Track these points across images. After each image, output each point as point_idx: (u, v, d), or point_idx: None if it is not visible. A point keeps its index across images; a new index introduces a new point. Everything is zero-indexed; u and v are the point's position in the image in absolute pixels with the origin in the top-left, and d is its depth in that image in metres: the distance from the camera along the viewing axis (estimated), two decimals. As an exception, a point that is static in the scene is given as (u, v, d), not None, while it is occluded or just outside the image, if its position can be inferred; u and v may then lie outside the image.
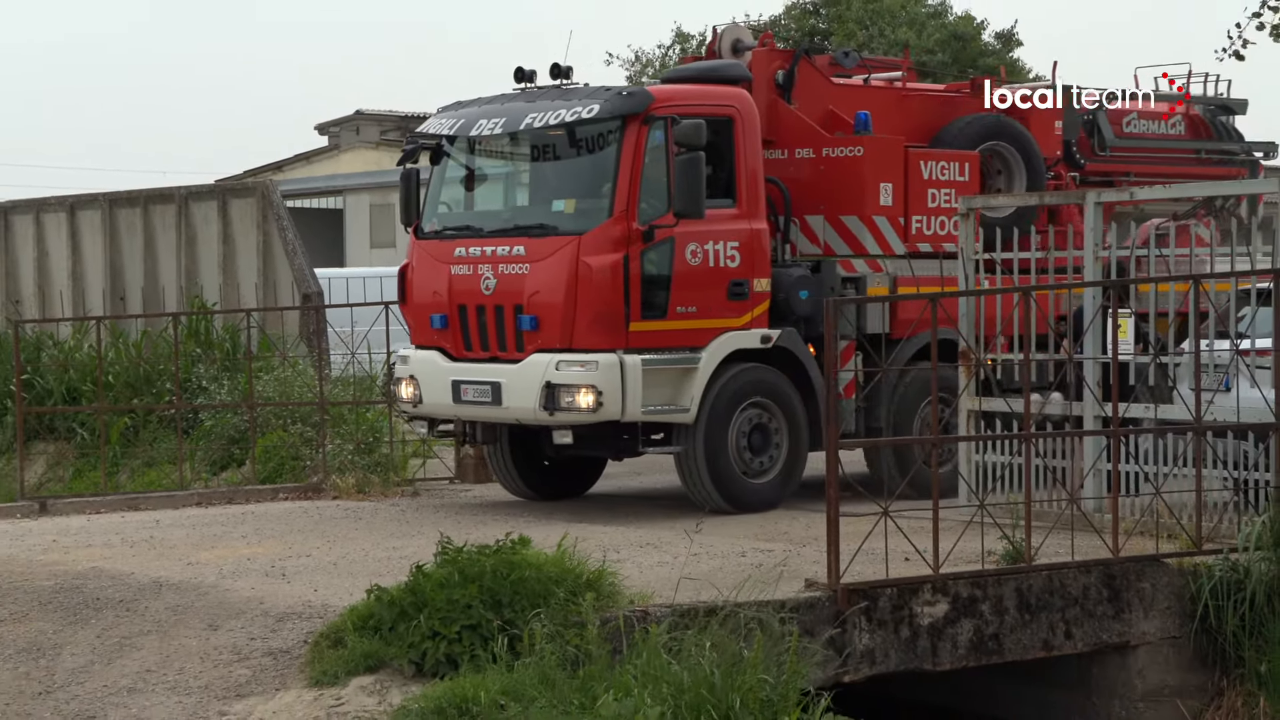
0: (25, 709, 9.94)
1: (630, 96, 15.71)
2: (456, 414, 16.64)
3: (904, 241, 17.44)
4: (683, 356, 15.64)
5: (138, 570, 13.20)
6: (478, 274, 15.99)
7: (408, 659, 10.31)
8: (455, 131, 16.61)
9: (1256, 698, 12.63)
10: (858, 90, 18.34)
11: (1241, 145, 20.93)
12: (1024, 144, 18.47)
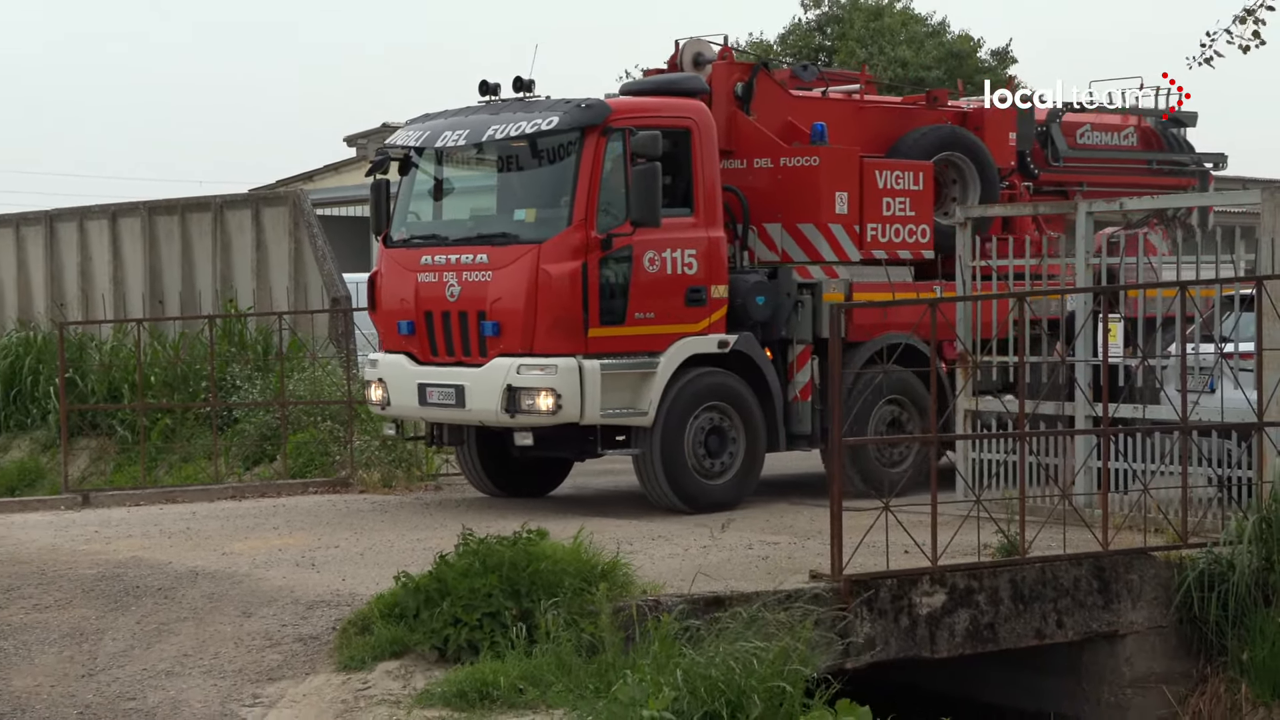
0: (69, 690, 9.96)
1: (588, 109, 15.37)
2: (423, 416, 16.56)
3: (859, 249, 17.19)
4: (641, 361, 15.41)
5: (175, 560, 13.23)
6: (443, 281, 15.78)
7: (431, 645, 10.32)
8: (421, 143, 16.44)
9: (1239, 684, 12.62)
10: (815, 102, 18.06)
11: (1192, 156, 20.75)
12: (978, 154, 18.24)
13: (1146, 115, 20.58)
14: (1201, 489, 14.42)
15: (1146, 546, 13.32)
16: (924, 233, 17.61)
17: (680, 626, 10.08)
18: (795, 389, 16.51)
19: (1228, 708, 12.67)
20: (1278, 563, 12.71)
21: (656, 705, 8.89)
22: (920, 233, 17.58)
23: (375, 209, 16.93)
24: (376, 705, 9.58)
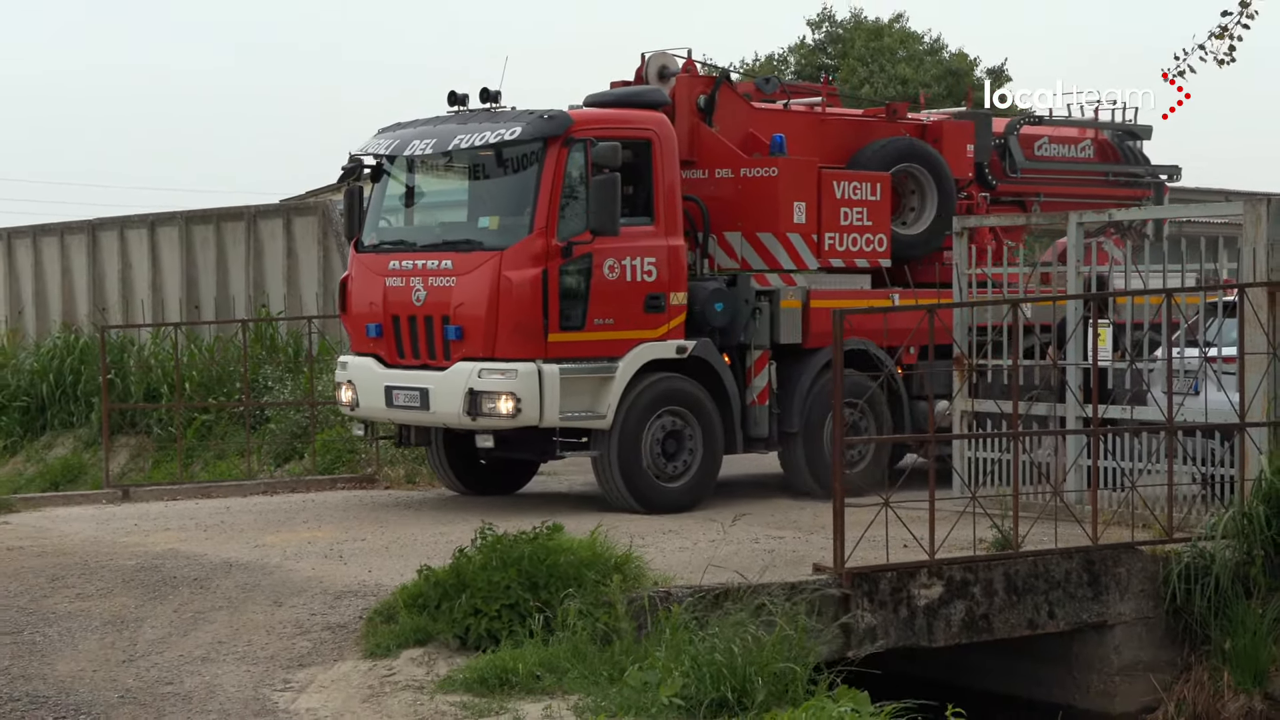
0: (111, 675, 9.97)
1: (550, 120, 15.08)
2: (390, 418, 16.20)
3: (817, 257, 16.77)
4: (600, 366, 15.07)
5: (210, 552, 13.25)
6: (409, 286, 15.46)
7: (453, 634, 10.31)
8: (391, 151, 16.21)
9: (1221, 672, 12.62)
10: (777, 114, 17.72)
11: (1147, 168, 20.52)
12: (935, 165, 17.84)
13: (1104, 129, 20.39)
14: (1186, 486, 14.41)
15: (1134, 541, 13.32)
16: (881, 241, 17.26)
17: (690, 616, 10.09)
18: (753, 393, 16.15)
19: (1211, 695, 12.66)
20: (1258, 557, 12.74)
21: (667, 691, 8.91)
22: (877, 241, 17.23)
23: (348, 215, 16.63)
24: (401, 690, 9.58)
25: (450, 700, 9.31)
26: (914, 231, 17.69)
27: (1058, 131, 20.03)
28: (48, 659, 10.34)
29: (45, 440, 22.89)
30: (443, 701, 9.30)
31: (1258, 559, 12.73)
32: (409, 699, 9.40)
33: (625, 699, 8.99)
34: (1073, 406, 15.39)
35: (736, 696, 9.03)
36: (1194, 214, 17.42)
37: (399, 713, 9.18)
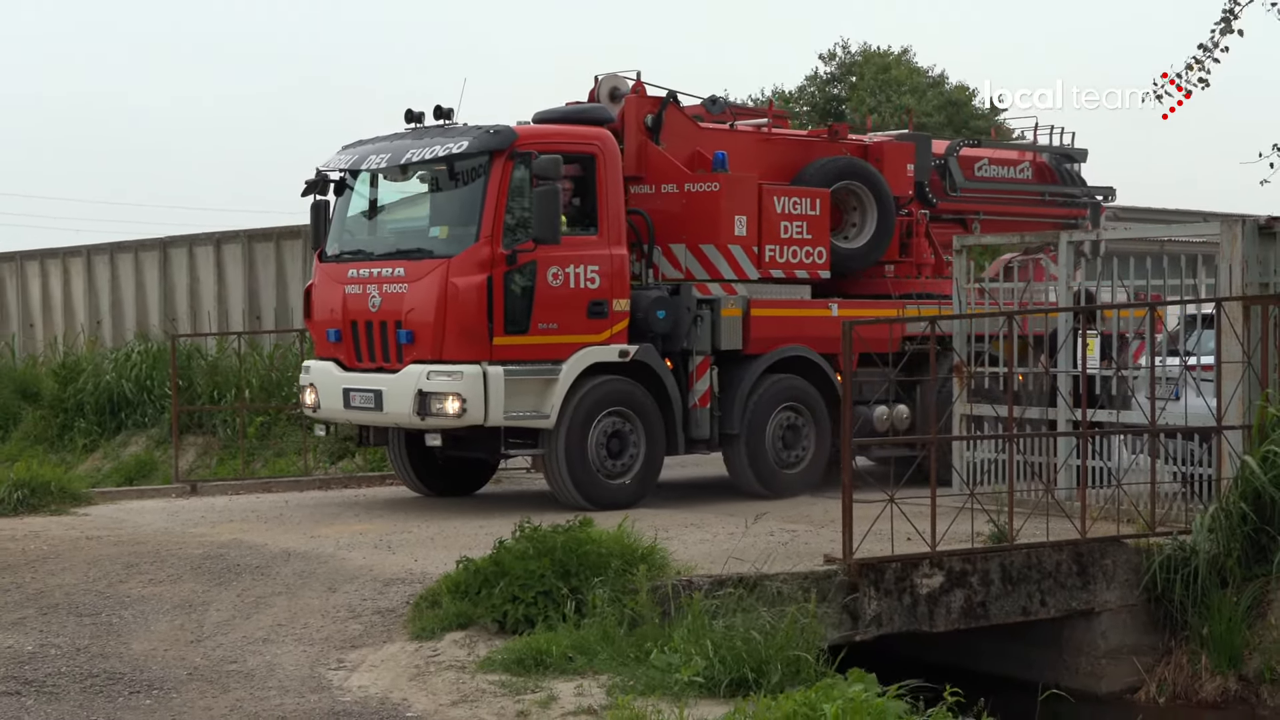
0: (180, 654, 10.01)
1: (496, 134, 14.75)
2: (348, 419, 15.90)
3: (758, 268, 16.37)
4: (544, 368, 14.72)
5: (270, 542, 13.27)
6: (366, 293, 15.11)
7: (492, 618, 10.33)
8: (349, 166, 15.87)
9: (1199, 655, 12.60)
10: (723, 133, 17.22)
11: (1083, 189, 20.21)
12: (875, 183, 17.46)
13: (1042, 151, 20.17)
14: (1168, 484, 14.38)
15: (1120, 535, 13.29)
16: (820, 254, 16.85)
17: (710, 603, 10.09)
18: (695, 396, 15.77)
19: (1189, 676, 12.64)
20: (1234, 550, 12.69)
21: (689, 672, 8.90)
22: (817, 254, 16.82)
23: (314, 227, 16.28)
24: (445, 670, 9.59)
25: (490, 679, 9.32)
26: (855, 245, 17.38)
27: (997, 153, 19.83)
28: (123, 639, 10.39)
29: (121, 439, 22.91)
30: (483, 680, 9.31)
31: (1233, 552, 12.68)
32: (452, 678, 9.42)
33: (650, 679, 8.99)
34: (1063, 410, 15.38)
35: (753, 677, 9.02)
36: (1175, 234, 17.31)
37: (443, 690, 9.19)
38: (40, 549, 13.36)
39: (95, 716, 8.57)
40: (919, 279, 18.03)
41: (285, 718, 8.56)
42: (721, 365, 15.91)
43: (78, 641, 10.31)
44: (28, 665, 9.70)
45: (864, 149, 17.99)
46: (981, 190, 19.24)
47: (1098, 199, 20.38)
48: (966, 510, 12.74)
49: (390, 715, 8.67)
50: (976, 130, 41.97)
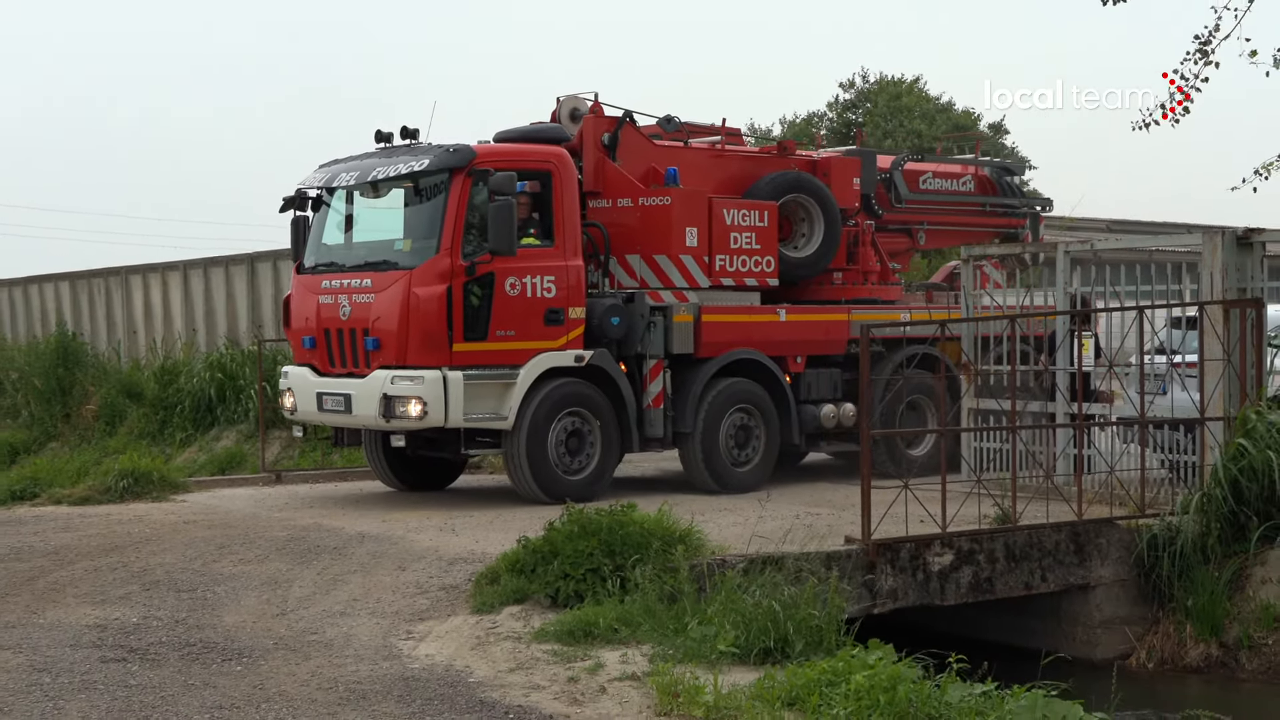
0: (267, 626, 10.07)
1: (455, 153, 14.22)
2: (321, 421, 15.46)
3: (708, 276, 15.73)
4: (502, 373, 14.18)
5: (347, 526, 13.34)
6: (337, 303, 14.60)
7: (545, 593, 10.35)
8: (322, 184, 15.35)
9: (1185, 625, 12.57)
10: (677, 150, 16.51)
11: (1022, 200, 19.85)
12: (821, 196, 16.81)
13: (984, 166, 19.72)
14: (1156, 471, 14.35)
15: (1113, 516, 13.27)
16: (769, 263, 16.21)
17: (741, 580, 10.10)
18: (649, 398, 15.21)
19: (1176, 643, 12.61)
20: (1215, 529, 12.66)
21: (722, 642, 8.92)
22: (765, 263, 16.18)
23: (294, 241, 15.74)
24: (503, 640, 9.62)
25: (544, 648, 9.34)
26: (804, 254, 16.78)
27: (940, 167, 19.28)
28: (217, 612, 10.46)
29: (213, 434, 23.05)
30: (537, 649, 9.34)
31: (1214, 531, 12.65)
32: (509, 647, 9.45)
33: (688, 648, 9.00)
34: (1061, 404, 15.36)
35: (781, 646, 9.03)
36: (1162, 244, 17.21)
37: (501, 659, 9.22)
38: (143, 532, 13.48)
39: (192, 681, 8.63)
40: (866, 285, 17.52)
41: (360, 683, 8.60)
42: (675, 368, 15.44)
43: (176, 614, 10.38)
44: (132, 635, 9.78)
45: (812, 164, 17.48)
46: (926, 202, 18.75)
47: (1036, 209, 20.02)
48: (974, 495, 12.75)
49: (454, 681, 8.70)
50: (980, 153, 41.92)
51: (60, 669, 8.88)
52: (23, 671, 8.83)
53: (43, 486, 17.87)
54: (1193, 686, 12.13)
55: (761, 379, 15.84)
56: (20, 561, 12.36)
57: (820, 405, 16.20)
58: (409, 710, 8.02)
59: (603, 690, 8.41)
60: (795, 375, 16.16)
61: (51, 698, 8.26)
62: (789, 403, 15.93)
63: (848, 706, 7.52)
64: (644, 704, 8.07)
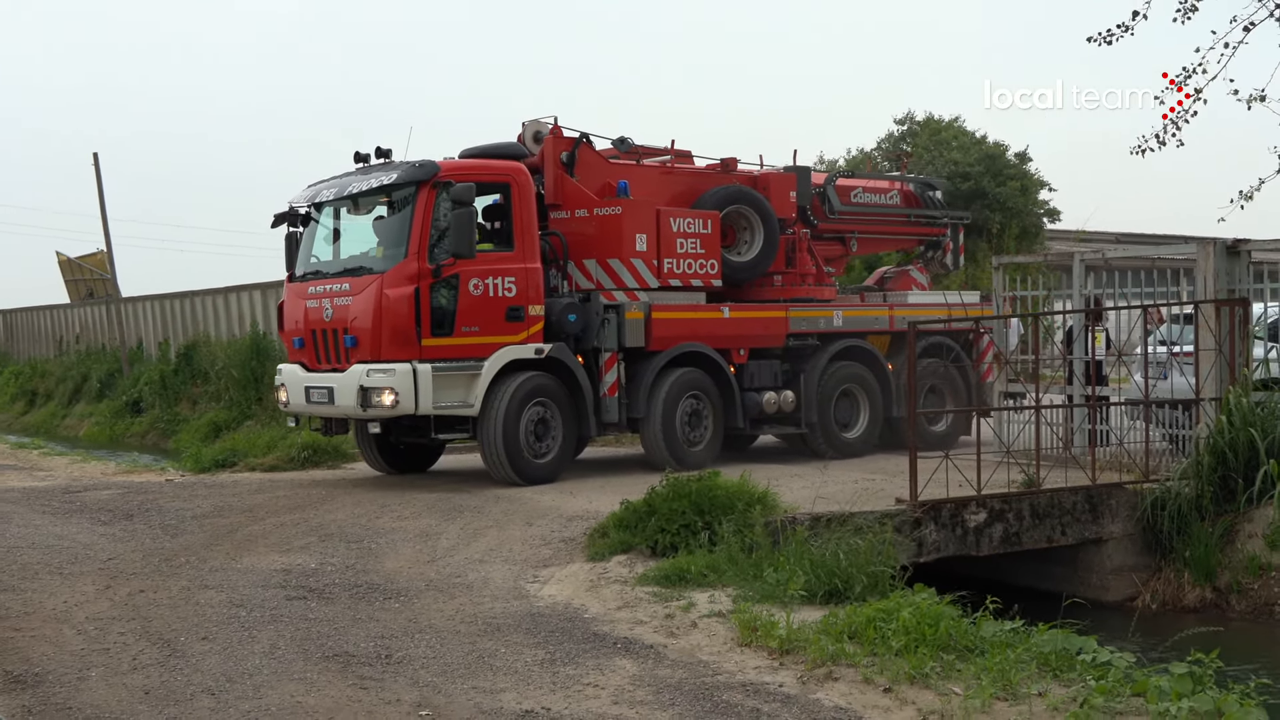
0: (420, 571, 10.15)
1: (421, 168, 13.43)
2: (310, 412, 14.38)
3: (657, 278, 14.81)
4: (468, 365, 13.32)
5: (484, 489, 13.42)
6: (321, 306, 13.81)
7: (646, 545, 10.35)
8: (307, 200, 14.54)
9: (1183, 573, 12.38)
10: (630, 168, 15.59)
11: (943, 213, 18.61)
12: (760, 207, 15.92)
13: (909, 182, 18.64)
14: (1158, 443, 14.14)
15: (1121, 481, 13.07)
16: (713, 266, 15.27)
17: (809, 534, 10.05)
18: (604, 387, 14.29)
19: (1175, 588, 12.43)
20: (1208, 492, 12.47)
21: (793, 586, 8.87)
22: (710, 266, 15.24)
23: (287, 253, 14.81)
24: (612, 584, 9.64)
25: (645, 590, 9.35)
26: (745, 259, 15.88)
27: (869, 183, 18.29)
28: (379, 559, 10.57)
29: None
30: (640, 591, 9.34)
31: (1207, 493, 12.45)
32: (617, 589, 9.46)
33: (765, 591, 8.97)
34: (1078, 387, 15.21)
35: (842, 589, 8.98)
36: (1162, 253, 16.93)
37: (610, 599, 9.23)
38: (320, 494, 13.66)
39: (359, 615, 8.72)
40: (804, 286, 16.61)
41: (496, 618, 8.65)
42: (628, 360, 14.55)
43: (346, 561, 10.49)
44: (311, 578, 9.90)
45: (753, 179, 16.51)
46: (856, 213, 17.73)
47: (955, 221, 19.03)
48: (1004, 464, 12.67)
49: (572, 617, 8.73)
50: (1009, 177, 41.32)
51: (253, 604, 9.01)
52: (224, 606, 8.97)
53: (240, 456, 18.22)
54: (1189, 624, 11.89)
55: (709, 369, 15.02)
56: (221, 518, 12.58)
57: (762, 393, 15.39)
58: (536, 640, 8.05)
59: (694, 625, 8.40)
60: (739, 366, 15.36)
61: (247, 628, 8.38)
62: (734, 390, 15.13)
63: (899, 639, 7.46)
64: (728, 637, 8.05)
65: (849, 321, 16.23)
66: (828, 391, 15.86)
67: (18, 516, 12.96)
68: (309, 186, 14.84)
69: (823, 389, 15.79)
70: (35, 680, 7.21)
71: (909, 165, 18.45)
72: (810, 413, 15.70)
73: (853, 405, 16.28)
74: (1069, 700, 6.48)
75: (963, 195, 40.25)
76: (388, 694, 6.87)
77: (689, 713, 6.53)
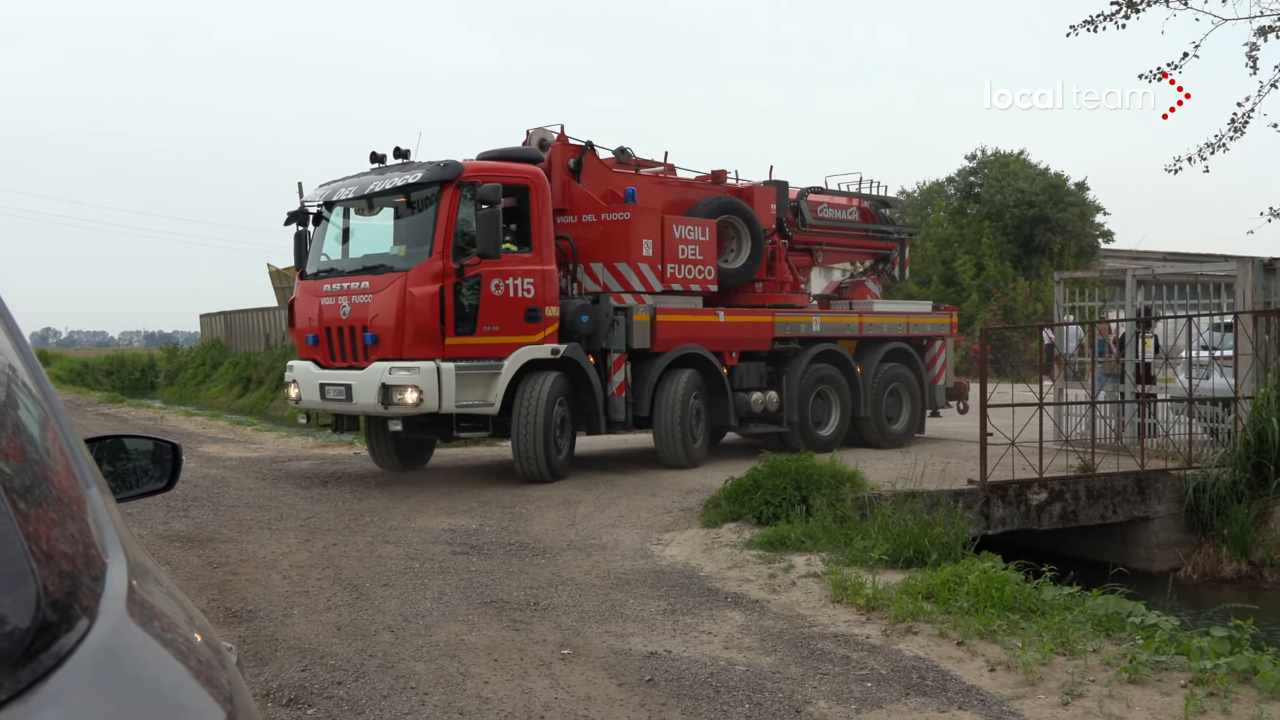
0: (561, 533, 10.21)
1: (445, 167, 11.97)
2: (324, 408, 12.79)
3: (661, 282, 13.49)
4: (489, 364, 11.93)
5: (618, 466, 13.45)
6: (338, 304, 12.29)
7: (752, 514, 10.31)
8: (324, 199, 13.02)
9: (1221, 548, 12.04)
10: (630, 176, 14.17)
11: (895, 227, 17.40)
12: (748, 217, 14.66)
13: (865, 199, 17.21)
14: (1200, 435, 13.75)
15: (1167, 468, 12.76)
16: (709, 272, 13.96)
17: (891, 508, 9.94)
18: (613, 386, 13.02)
19: (1214, 562, 12.10)
20: (1243, 477, 12.12)
21: (877, 552, 8.78)
22: (706, 272, 13.93)
23: (297, 252, 13.29)
24: (723, 547, 9.61)
25: (751, 553, 9.31)
26: (735, 266, 14.62)
27: (832, 199, 16.79)
28: (527, 524, 10.66)
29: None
30: (747, 554, 9.31)
31: (1242, 479, 12.11)
32: (728, 552, 9.44)
33: (853, 556, 8.88)
34: (1129, 385, 14.84)
35: (919, 556, 8.86)
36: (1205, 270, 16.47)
37: (722, 560, 9.22)
38: (479, 468, 13.83)
39: (511, 569, 8.82)
40: (782, 293, 15.43)
41: (625, 574, 8.69)
42: (633, 361, 13.25)
43: (501, 524, 10.59)
44: (472, 537, 10.02)
45: (739, 191, 15.23)
46: (823, 227, 16.41)
47: (905, 236, 17.71)
48: (1063, 450, 12.42)
49: (689, 574, 8.73)
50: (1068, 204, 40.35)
51: (425, 558, 9.15)
52: (401, 559, 9.13)
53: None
54: (1226, 593, 11.57)
55: (704, 371, 13.77)
56: (399, 485, 12.81)
57: (750, 393, 14.18)
58: (659, 593, 8.07)
59: (793, 584, 8.35)
60: (731, 368, 14.13)
61: (419, 576, 8.52)
62: (727, 391, 13.92)
63: (968, 599, 7.34)
64: (822, 594, 7.99)
65: (825, 327, 15.14)
66: (806, 392, 14.77)
67: (235, 481, 13.36)
68: (322, 185, 13.41)
69: (802, 389, 14.69)
70: (249, 616, 7.42)
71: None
72: (792, 411, 14.62)
73: (826, 405, 15.21)
74: (1120, 656, 6.32)
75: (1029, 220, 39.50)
76: (535, 635, 6.95)
77: (789, 658, 6.50)
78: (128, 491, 2.65)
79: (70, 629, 1.21)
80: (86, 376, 43.42)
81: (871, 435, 15.34)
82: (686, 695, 5.80)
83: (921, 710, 5.57)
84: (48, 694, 1.11)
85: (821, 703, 5.69)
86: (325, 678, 6.09)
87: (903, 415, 15.97)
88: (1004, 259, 38.34)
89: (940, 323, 16.54)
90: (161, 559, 9.00)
